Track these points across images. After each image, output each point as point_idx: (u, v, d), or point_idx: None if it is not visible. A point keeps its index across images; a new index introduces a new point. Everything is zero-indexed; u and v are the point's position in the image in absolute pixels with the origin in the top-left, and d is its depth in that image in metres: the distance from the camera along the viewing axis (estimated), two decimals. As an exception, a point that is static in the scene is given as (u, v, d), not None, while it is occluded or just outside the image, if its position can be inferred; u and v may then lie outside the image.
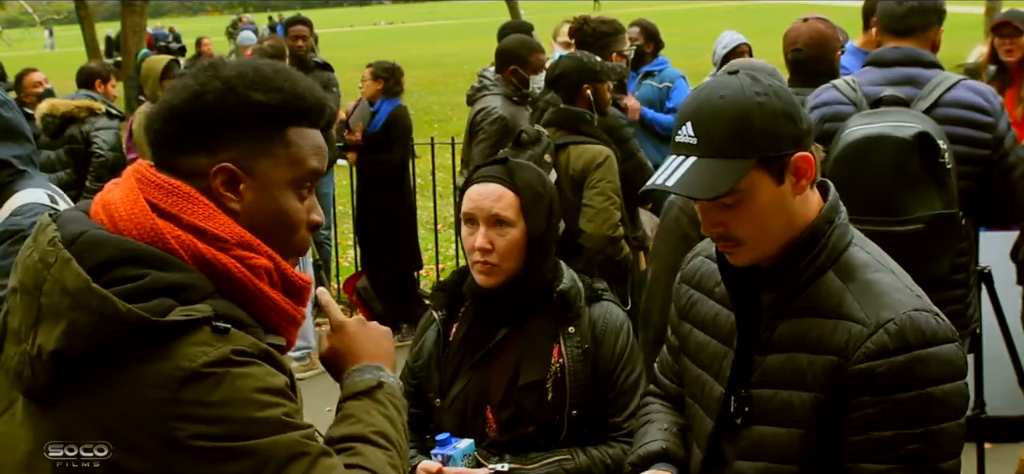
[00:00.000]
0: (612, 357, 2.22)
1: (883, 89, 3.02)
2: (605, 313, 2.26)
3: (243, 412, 1.25)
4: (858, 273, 1.65)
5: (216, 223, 1.33)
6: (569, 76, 3.82)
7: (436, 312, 2.32)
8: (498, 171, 2.22)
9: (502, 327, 2.23)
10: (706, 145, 1.60)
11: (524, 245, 2.18)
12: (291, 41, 6.90)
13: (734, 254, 1.69)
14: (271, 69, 1.40)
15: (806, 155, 1.63)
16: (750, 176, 1.59)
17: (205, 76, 1.37)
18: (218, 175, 1.35)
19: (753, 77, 1.63)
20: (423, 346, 2.32)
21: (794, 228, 1.66)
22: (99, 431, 1.25)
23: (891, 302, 1.60)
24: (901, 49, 3.13)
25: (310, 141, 1.41)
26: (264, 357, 1.30)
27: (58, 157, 5.67)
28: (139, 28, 17.45)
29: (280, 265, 1.38)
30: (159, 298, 1.25)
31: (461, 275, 2.33)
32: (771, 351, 1.69)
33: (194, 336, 1.25)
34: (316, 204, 1.46)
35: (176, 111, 1.36)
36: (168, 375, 1.23)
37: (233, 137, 1.35)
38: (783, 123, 1.60)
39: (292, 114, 1.39)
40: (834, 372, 1.60)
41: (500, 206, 2.16)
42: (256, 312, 1.35)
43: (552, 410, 2.17)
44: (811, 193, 1.68)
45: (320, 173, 1.44)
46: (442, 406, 2.24)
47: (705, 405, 1.81)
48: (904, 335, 1.56)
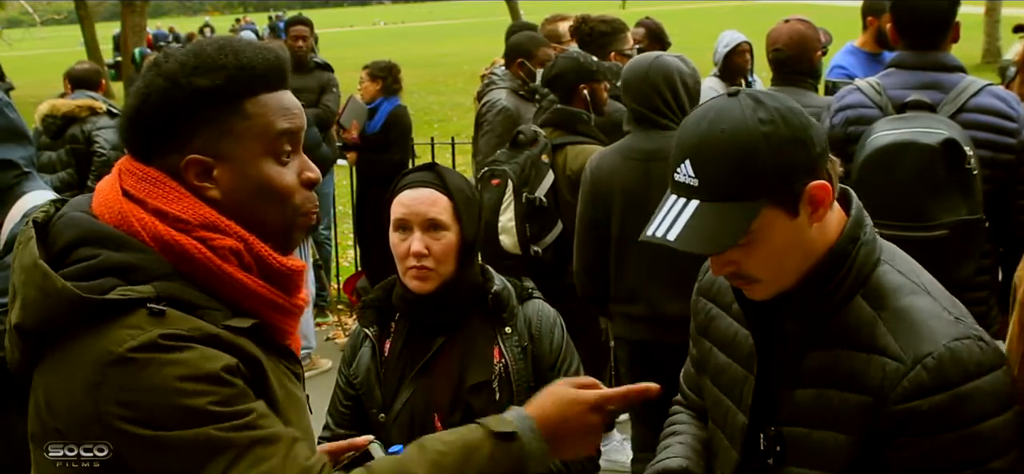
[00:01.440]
0: (550, 352, 2.26)
1: (908, 93, 3.02)
2: (538, 311, 2.30)
3: (164, 400, 1.22)
4: (890, 298, 1.49)
5: (180, 206, 1.33)
6: (566, 76, 3.82)
7: (367, 329, 2.31)
8: (428, 177, 2.22)
9: (439, 334, 2.24)
10: (709, 187, 1.44)
11: (458, 249, 2.19)
12: (291, 41, 6.90)
13: (750, 290, 1.56)
14: (214, 48, 1.37)
15: (822, 183, 1.47)
16: (761, 216, 1.44)
17: (149, 76, 1.36)
18: (189, 168, 1.35)
19: (756, 100, 1.46)
20: (359, 364, 2.30)
21: (814, 255, 1.51)
22: (52, 412, 1.27)
23: (928, 333, 1.44)
24: (924, 54, 3.14)
25: (273, 105, 1.38)
26: (208, 341, 1.27)
27: (59, 157, 5.67)
28: (139, 28, 17.49)
29: (253, 247, 1.36)
30: (104, 278, 1.27)
31: (386, 290, 2.33)
32: (801, 385, 1.54)
33: (129, 318, 1.25)
34: (306, 162, 1.43)
35: (131, 119, 1.37)
36: (96, 358, 1.24)
37: (192, 128, 1.34)
38: (793, 152, 1.44)
39: (243, 87, 1.36)
40: (870, 413, 1.46)
41: (436, 210, 2.17)
42: (223, 293, 1.34)
43: (501, 409, 2.19)
44: (831, 213, 1.52)
45: (294, 132, 1.40)
46: (388, 421, 2.24)
47: (729, 434, 1.69)
48: (944, 371, 1.41)
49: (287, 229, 1.42)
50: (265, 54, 1.39)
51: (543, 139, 3.69)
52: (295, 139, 1.41)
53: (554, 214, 3.67)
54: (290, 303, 1.42)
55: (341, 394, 2.35)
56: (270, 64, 1.39)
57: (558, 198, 3.68)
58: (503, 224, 3.61)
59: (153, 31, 25.07)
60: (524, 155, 3.65)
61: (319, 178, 1.45)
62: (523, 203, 3.60)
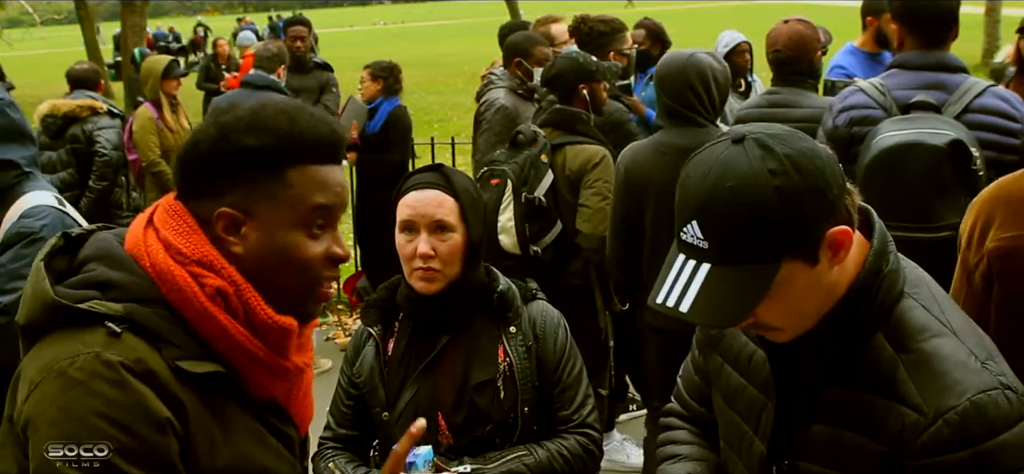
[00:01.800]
0: (554, 353, 2.27)
1: (913, 93, 3.03)
2: (543, 311, 2.31)
3: (73, 428, 1.25)
4: (912, 340, 1.40)
5: (185, 240, 1.37)
6: (565, 76, 3.82)
7: (371, 328, 2.32)
8: (435, 178, 2.23)
9: (443, 334, 2.25)
10: (720, 250, 1.33)
11: (464, 250, 2.20)
12: (289, 41, 6.90)
13: (770, 336, 1.48)
14: (275, 109, 1.40)
15: (842, 229, 1.36)
16: (779, 272, 1.34)
17: (207, 123, 1.41)
18: (219, 220, 1.38)
19: (764, 147, 1.34)
20: (363, 363, 2.31)
21: (835, 296, 1.42)
22: (12, 399, 1.35)
23: (952, 383, 1.35)
24: (930, 54, 3.14)
25: (314, 178, 1.40)
26: (144, 377, 1.28)
27: (60, 157, 5.68)
28: (139, 28, 17.48)
29: (243, 294, 1.37)
30: (88, 289, 1.34)
31: (391, 289, 2.33)
32: (817, 420, 1.47)
33: (88, 333, 1.30)
34: (338, 238, 1.45)
35: (180, 159, 1.43)
36: (47, 361, 1.30)
37: (230, 182, 1.38)
38: (809, 202, 1.32)
39: (290, 155, 1.38)
40: (886, 463, 1.39)
41: (442, 212, 2.18)
42: (203, 331, 1.36)
43: (505, 408, 2.20)
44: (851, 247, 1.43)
45: (329, 208, 1.42)
46: (392, 419, 2.25)
47: (746, 460, 1.62)
48: (967, 427, 1.32)
49: (302, 299, 1.44)
50: (320, 126, 1.41)
51: (542, 139, 3.69)
52: (330, 215, 1.43)
53: (553, 214, 3.68)
54: (272, 359, 1.42)
55: (343, 394, 2.36)
56: (322, 137, 1.41)
57: (557, 198, 3.68)
58: (502, 224, 3.61)
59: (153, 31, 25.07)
60: (523, 155, 3.65)
61: (347, 256, 1.47)
62: (522, 203, 3.61)
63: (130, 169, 6.13)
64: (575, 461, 2.23)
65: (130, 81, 14.65)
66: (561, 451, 2.22)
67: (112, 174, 5.70)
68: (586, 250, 3.67)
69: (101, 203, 5.67)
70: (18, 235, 2.41)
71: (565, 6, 7.28)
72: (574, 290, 3.71)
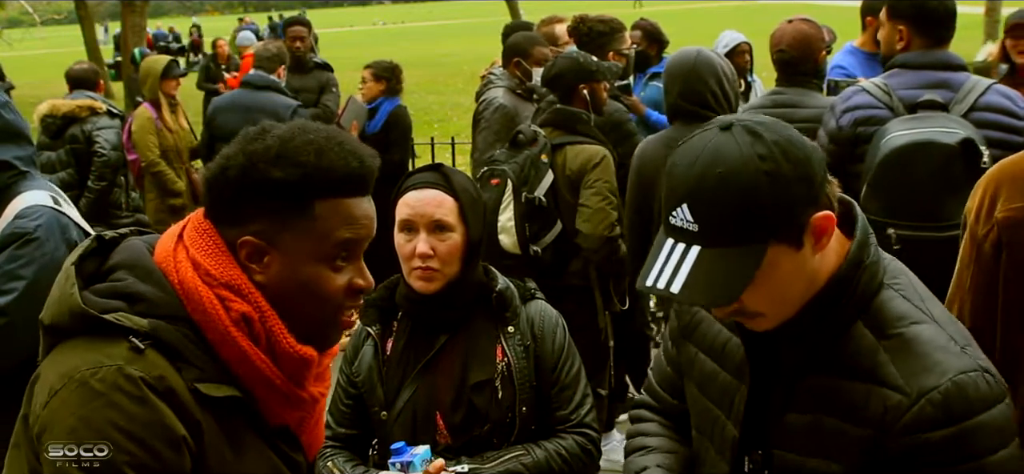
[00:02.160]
0: (553, 352, 2.27)
1: (918, 93, 3.04)
2: (541, 311, 2.31)
3: (91, 439, 1.25)
4: (893, 326, 1.44)
5: (214, 262, 1.37)
6: (565, 76, 3.82)
7: (370, 328, 2.32)
8: (434, 177, 2.23)
9: (442, 333, 2.25)
10: (710, 233, 1.37)
11: (464, 250, 2.20)
12: (289, 42, 6.90)
13: (752, 324, 1.50)
14: (302, 140, 1.38)
15: (826, 214, 1.41)
16: (766, 256, 1.38)
17: (236, 148, 1.40)
18: (242, 248, 1.38)
19: (752, 134, 1.38)
20: (362, 362, 2.31)
21: (817, 284, 1.45)
22: (29, 399, 1.35)
23: (933, 364, 1.39)
24: (931, 53, 3.14)
25: (341, 212, 1.39)
26: (164, 394, 1.29)
27: (59, 157, 5.67)
28: (139, 28, 17.49)
29: (268, 321, 1.38)
30: (115, 300, 1.34)
31: (389, 289, 2.33)
32: (793, 409, 1.50)
33: (112, 345, 1.30)
34: (361, 270, 1.45)
35: (208, 182, 1.43)
36: (68, 369, 1.30)
37: (256, 211, 1.38)
38: (796, 189, 1.37)
39: (316, 188, 1.37)
40: (870, 446, 1.41)
41: (442, 212, 2.18)
42: (224, 354, 1.36)
43: (504, 408, 2.20)
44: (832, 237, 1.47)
45: (355, 242, 1.42)
46: (390, 419, 2.25)
47: (718, 446, 1.65)
48: (949, 406, 1.36)
49: (322, 329, 1.44)
50: (350, 159, 1.40)
51: (542, 139, 3.69)
52: (355, 248, 1.43)
53: (553, 214, 3.68)
54: (290, 389, 1.42)
55: (342, 393, 2.35)
56: (351, 171, 1.40)
57: (557, 198, 3.68)
58: (502, 223, 3.61)
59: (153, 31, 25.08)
60: (523, 155, 3.65)
61: (370, 287, 1.46)
62: (522, 203, 3.61)
63: (129, 169, 6.12)
64: (573, 461, 2.23)
65: (130, 81, 14.65)
66: (559, 451, 2.22)
67: (111, 174, 5.70)
68: (586, 250, 3.67)
69: (100, 203, 5.67)
70: (12, 236, 2.41)
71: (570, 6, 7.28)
72: (574, 290, 3.71)
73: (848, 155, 3.29)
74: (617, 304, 3.91)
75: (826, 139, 3.39)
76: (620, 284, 3.90)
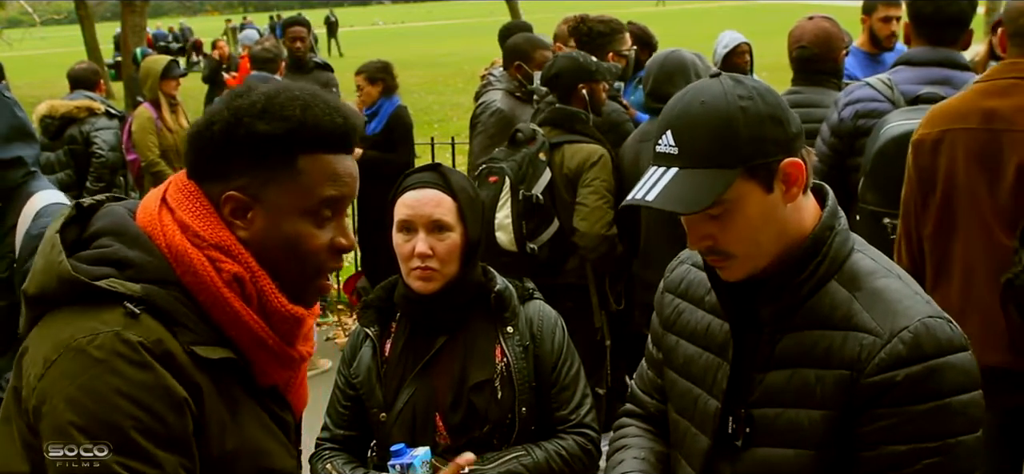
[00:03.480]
0: (552, 352, 2.27)
1: (920, 87, 3.06)
2: (539, 311, 2.31)
3: (94, 407, 1.24)
4: (864, 281, 1.56)
5: (202, 223, 1.37)
6: (564, 76, 3.83)
7: (368, 329, 2.32)
8: (432, 177, 2.23)
9: (441, 334, 2.24)
10: (688, 155, 1.50)
11: (462, 250, 2.20)
12: (289, 42, 6.89)
13: (724, 268, 1.60)
14: (288, 96, 1.39)
15: (796, 160, 1.53)
16: (737, 186, 1.49)
17: (221, 104, 1.40)
18: (227, 203, 1.38)
19: (736, 81, 1.53)
20: (360, 363, 2.31)
21: (787, 238, 1.56)
22: (19, 373, 1.33)
23: (903, 310, 1.51)
24: (935, 51, 3.15)
25: (325, 168, 1.40)
26: (163, 358, 1.29)
27: (57, 158, 5.68)
28: (139, 28, 17.48)
29: (259, 281, 1.38)
30: (104, 266, 1.32)
31: (387, 290, 2.33)
32: (773, 367, 1.59)
33: (105, 311, 1.29)
34: (343, 229, 1.45)
35: (192, 140, 1.42)
36: (64, 338, 1.28)
37: (241, 166, 1.38)
38: (770, 128, 1.50)
39: (302, 142, 1.38)
40: (847, 386, 1.50)
41: (440, 212, 2.18)
42: (216, 317, 1.36)
43: (503, 408, 2.20)
44: (805, 200, 1.58)
45: (339, 199, 1.42)
46: (389, 420, 2.25)
47: (698, 421, 1.71)
48: (920, 344, 1.47)
49: (303, 286, 1.43)
50: (334, 115, 1.41)
51: (541, 137, 3.70)
52: (339, 206, 1.43)
53: (550, 212, 3.68)
54: (281, 348, 1.43)
55: (340, 394, 2.35)
56: (336, 126, 1.41)
57: (555, 196, 3.69)
58: (499, 221, 3.62)
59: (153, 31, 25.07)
60: (522, 153, 3.66)
61: (351, 246, 1.47)
62: (520, 200, 3.61)
63: (129, 169, 6.12)
64: (573, 461, 2.23)
65: (130, 81, 14.65)
66: (559, 451, 2.22)
67: (109, 175, 5.70)
68: (582, 248, 3.68)
69: (99, 203, 5.67)
70: (41, 236, 2.42)
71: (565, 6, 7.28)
72: (570, 288, 3.71)
73: (848, 148, 3.30)
74: (613, 303, 3.91)
75: (828, 132, 3.39)
76: (617, 283, 3.90)
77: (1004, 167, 2.55)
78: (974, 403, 1.50)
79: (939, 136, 2.67)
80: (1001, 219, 2.57)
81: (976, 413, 1.50)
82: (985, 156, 2.60)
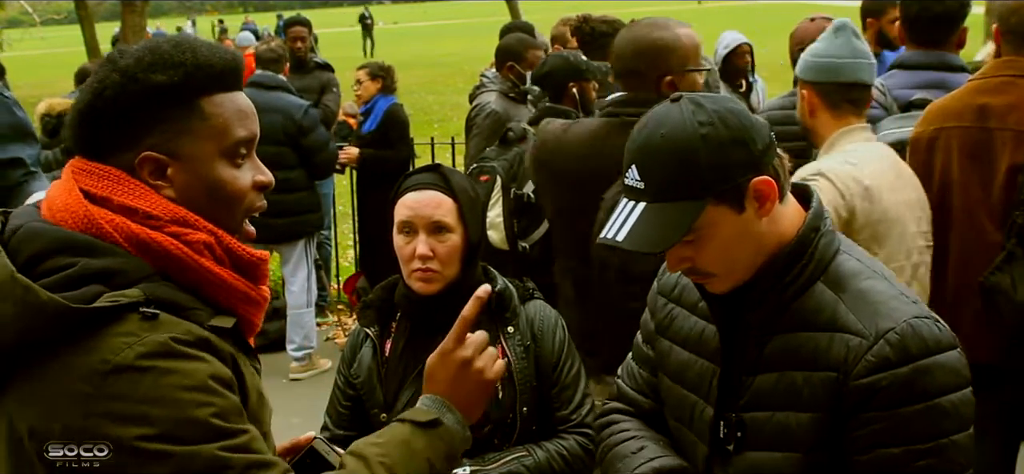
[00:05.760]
0: (553, 352, 2.26)
1: (913, 92, 3.05)
2: (540, 310, 2.30)
3: (166, 412, 1.21)
4: (850, 282, 1.56)
5: (147, 201, 1.31)
6: (555, 74, 3.84)
7: (368, 329, 2.31)
8: (433, 178, 2.22)
9: (442, 334, 2.23)
10: (653, 189, 1.50)
11: (463, 251, 2.19)
12: (290, 42, 6.89)
13: (708, 284, 1.61)
14: (171, 45, 1.35)
15: (765, 179, 1.51)
16: (706, 213, 1.49)
17: (104, 71, 1.34)
18: (143, 166, 1.33)
19: (696, 104, 1.51)
20: (360, 364, 2.30)
21: (767, 249, 1.56)
22: (29, 426, 1.23)
23: (888, 310, 1.51)
24: (928, 53, 3.15)
25: (230, 107, 1.37)
26: (201, 345, 1.26)
27: (55, 156, 5.66)
28: (139, 28, 17.47)
29: (223, 239, 1.35)
30: (87, 286, 1.23)
31: (387, 290, 2.32)
32: (762, 370, 1.59)
33: (121, 325, 1.22)
34: (259, 165, 1.42)
35: (83, 115, 1.33)
36: (91, 369, 1.21)
37: (147, 125, 1.32)
38: (733, 152, 1.49)
39: (200, 85, 1.34)
40: (834, 389, 1.50)
41: (441, 213, 2.17)
42: (203, 291, 1.33)
43: (504, 409, 2.20)
44: (783, 208, 1.57)
45: (250, 140, 1.39)
46: (389, 420, 2.24)
47: (697, 429, 1.70)
48: (906, 345, 1.47)
49: (234, 231, 1.40)
50: (222, 54, 1.38)
51: (531, 136, 3.70)
52: (251, 146, 1.40)
53: (541, 210, 3.68)
54: (259, 294, 1.42)
55: (340, 395, 2.34)
56: (227, 64, 1.37)
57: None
58: (491, 220, 3.62)
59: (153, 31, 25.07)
60: (513, 152, 3.67)
61: (271, 182, 1.44)
62: (511, 198, 3.61)
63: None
64: (574, 461, 2.22)
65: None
66: (560, 451, 2.21)
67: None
68: (574, 247, 3.67)
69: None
70: None
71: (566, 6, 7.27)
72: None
73: None
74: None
75: None
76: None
77: (996, 164, 2.57)
78: (964, 401, 1.50)
79: (934, 134, 2.69)
80: (993, 216, 2.58)
81: (967, 411, 1.50)
82: (978, 153, 2.61)
